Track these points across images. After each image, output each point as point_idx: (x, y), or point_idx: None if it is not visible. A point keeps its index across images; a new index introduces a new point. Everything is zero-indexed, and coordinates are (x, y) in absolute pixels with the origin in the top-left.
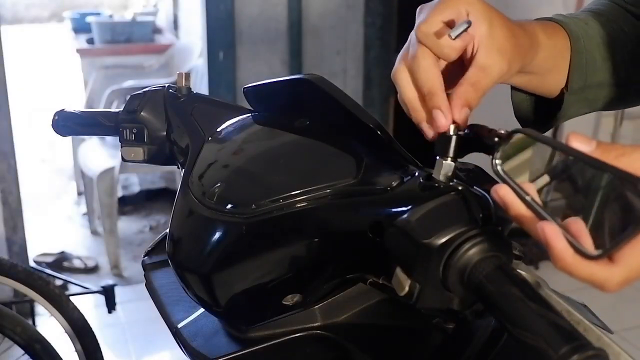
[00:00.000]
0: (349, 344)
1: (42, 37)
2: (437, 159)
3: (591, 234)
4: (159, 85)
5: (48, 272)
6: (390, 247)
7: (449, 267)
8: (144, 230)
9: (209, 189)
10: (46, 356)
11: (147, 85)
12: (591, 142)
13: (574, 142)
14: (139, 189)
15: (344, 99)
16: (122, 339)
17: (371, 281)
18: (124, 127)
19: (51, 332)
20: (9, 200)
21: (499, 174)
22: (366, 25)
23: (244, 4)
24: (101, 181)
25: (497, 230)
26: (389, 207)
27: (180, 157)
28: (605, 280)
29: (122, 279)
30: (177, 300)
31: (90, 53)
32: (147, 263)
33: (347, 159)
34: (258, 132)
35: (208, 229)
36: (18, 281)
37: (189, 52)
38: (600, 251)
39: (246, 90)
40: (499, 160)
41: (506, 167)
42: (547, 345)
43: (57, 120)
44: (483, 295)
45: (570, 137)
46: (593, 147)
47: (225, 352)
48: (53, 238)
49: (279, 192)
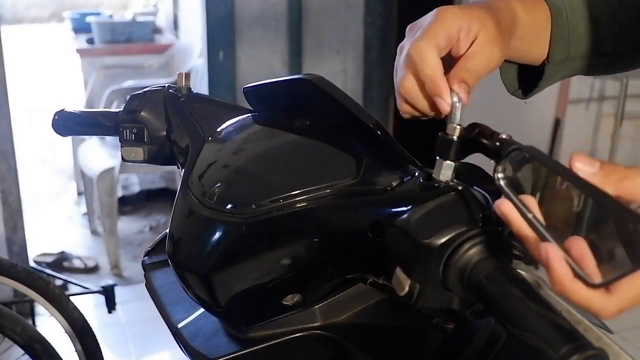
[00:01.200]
0: (349, 344)
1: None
2: (437, 159)
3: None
4: (159, 85)
5: (48, 272)
6: (390, 247)
7: (449, 267)
8: (144, 230)
9: (209, 189)
10: (46, 356)
11: (147, 85)
12: (594, 164)
13: (577, 162)
14: (139, 189)
15: (344, 99)
16: (122, 339)
17: (371, 281)
18: (124, 127)
19: (51, 332)
20: (9, 200)
21: (502, 188)
22: (366, 25)
23: (244, 4)
24: (101, 181)
25: (497, 230)
26: (389, 207)
27: (180, 157)
28: (601, 309)
29: (122, 279)
30: (177, 300)
31: (90, 53)
32: (147, 263)
33: (347, 159)
34: (258, 132)
35: (208, 229)
36: (18, 281)
37: (189, 52)
38: (602, 281)
39: (246, 90)
40: (501, 174)
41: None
42: (547, 345)
43: (57, 120)
44: (483, 295)
45: (573, 157)
46: (596, 168)
47: (225, 352)
48: (53, 238)
49: (279, 192)
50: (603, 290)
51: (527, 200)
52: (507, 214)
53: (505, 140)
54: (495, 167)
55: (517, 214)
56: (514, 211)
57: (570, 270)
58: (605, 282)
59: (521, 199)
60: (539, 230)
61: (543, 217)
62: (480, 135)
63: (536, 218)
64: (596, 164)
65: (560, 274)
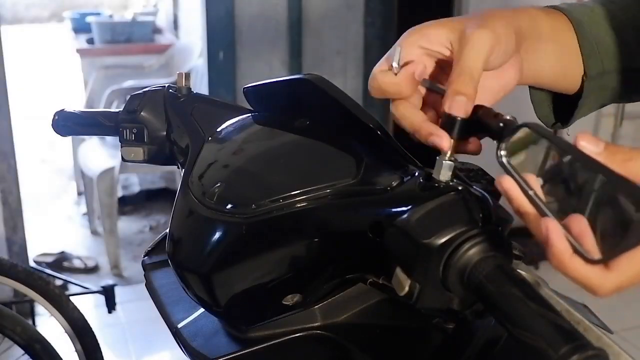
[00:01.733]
0: (349, 344)
1: (42, 37)
2: (437, 158)
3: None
4: (159, 85)
5: (48, 272)
6: (390, 247)
7: (449, 267)
8: (144, 230)
9: (209, 189)
10: (46, 356)
11: (147, 85)
12: (599, 143)
13: (582, 141)
14: (139, 189)
15: (344, 99)
16: (122, 339)
17: (371, 281)
18: (124, 127)
19: (51, 332)
20: (9, 200)
21: (504, 166)
22: (366, 25)
23: (244, 4)
24: (101, 181)
25: (497, 230)
26: (389, 207)
27: (180, 157)
28: (600, 285)
29: (122, 279)
30: (177, 300)
31: (90, 53)
32: (147, 263)
33: (347, 159)
34: (258, 132)
35: (208, 229)
36: (18, 281)
37: (189, 52)
38: (601, 257)
39: (246, 90)
40: (504, 152)
41: (512, 159)
42: (547, 345)
43: (57, 120)
44: (483, 295)
45: (579, 136)
46: (601, 148)
47: (225, 352)
48: (53, 238)
49: (279, 192)
50: (602, 266)
51: (528, 177)
52: (508, 190)
53: (509, 121)
54: (498, 145)
55: (519, 190)
56: (516, 187)
57: (570, 246)
58: (605, 258)
59: (523, 176)
60: (540, 207)
61: (544, 195)
62: (484, 116)
63: (537, 195)
64: (601, 144)
65: (560, 249)
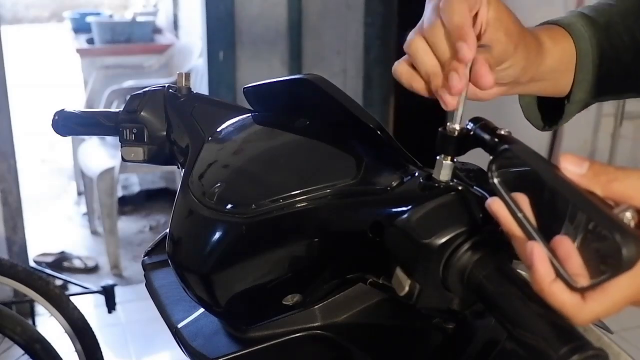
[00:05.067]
0: (349, 344)
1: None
2: (437, 159)
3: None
4: (159, 85)
5: (48, 272)
6: (390, 247)
7: (449, 267)
8: (144, 230)
9: (209, 189)
10: (46, 356)
11: (147, 85)
12: (583, 164)
13: (565, 162)
14: (139, 189)
15: (344, 99)
16: (122, 339)
17: (371, 281)
18: (124, 127)
19: (51, 332)
20: (9, 200)
21: (494, 186)
22: (366, 25)
23: (244, 4)
24: (101, 181)
25: (497, 230)
26: (389, 207)
27: (180, 157)
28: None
29: (122, 279)
30: (177, 300)
31: (90, 53)
32: (147, 263)
33: (347, 159)
34: (258, 132)
35: (208, 229)
36: (18, 281)
37: (189, 52)
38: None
39: (246, 90)
40: (495, 173)
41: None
42: (547, 345)
43: (57, 120)
44: (483, 295)
45: (562, 157)
46: (585, 169)
47: (225, 352)
48: (53, 238)
49: (279, 192)
50: (579, 295)
51: (518, 198)
52: (496, 212)
53: (504, 137)
54: (489, 165)
55: (507, 212)
56: (504, 209)
57: (554, 271)
58: (585, 287)
59: (513, 196)
60: (527, 230)
61: (534, 215)
62: (481, 130)
63: (526, 217)
64: (585, 165)
65: (542, 275)
